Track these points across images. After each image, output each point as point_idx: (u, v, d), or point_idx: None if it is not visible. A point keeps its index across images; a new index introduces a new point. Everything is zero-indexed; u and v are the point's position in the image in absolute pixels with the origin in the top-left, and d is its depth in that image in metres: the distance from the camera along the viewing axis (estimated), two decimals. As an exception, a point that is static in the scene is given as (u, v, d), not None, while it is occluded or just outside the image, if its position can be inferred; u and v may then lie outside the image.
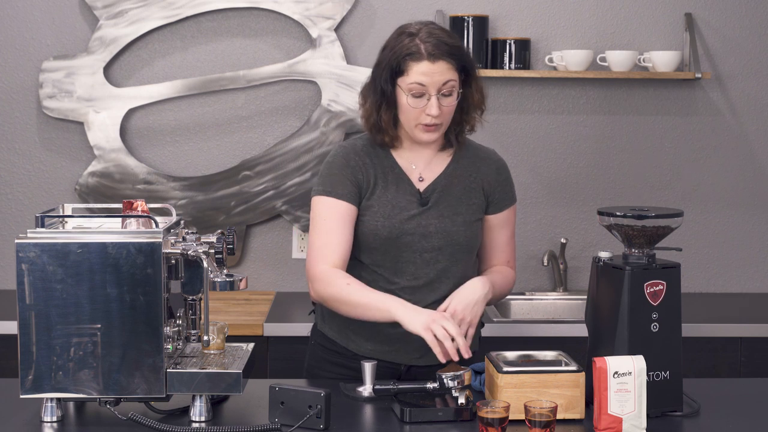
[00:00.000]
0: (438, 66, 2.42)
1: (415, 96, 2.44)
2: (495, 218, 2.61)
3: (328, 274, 2.46)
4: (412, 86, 2.43)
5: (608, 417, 2.15)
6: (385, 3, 3.84)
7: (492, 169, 2.61)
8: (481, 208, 2.58)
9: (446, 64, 2.43)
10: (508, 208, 2.63)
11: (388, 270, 2.52)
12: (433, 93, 2.43)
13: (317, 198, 2.54)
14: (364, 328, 2.54)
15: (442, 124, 2.48)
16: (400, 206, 2.51)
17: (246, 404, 2.32)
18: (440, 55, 2.42)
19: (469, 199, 2.56)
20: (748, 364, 3.39)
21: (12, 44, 3.82)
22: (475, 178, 2.58)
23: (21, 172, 3.86)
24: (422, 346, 2.51)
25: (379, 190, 2.52)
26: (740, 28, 3.90)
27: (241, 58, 3.85)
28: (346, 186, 2.51)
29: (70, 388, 2.17)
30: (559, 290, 3.86)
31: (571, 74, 3.76)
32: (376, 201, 2.51)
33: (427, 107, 2.44)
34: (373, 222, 2.50)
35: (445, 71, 2.43)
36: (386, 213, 2.51)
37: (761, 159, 3.94)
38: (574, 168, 3.93)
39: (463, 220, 2.54)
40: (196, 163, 3.88)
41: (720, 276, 3.98)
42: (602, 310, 2.32)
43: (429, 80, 2.42)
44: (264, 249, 3.92)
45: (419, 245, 2.51)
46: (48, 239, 2.16)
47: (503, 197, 2.62)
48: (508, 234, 2.64)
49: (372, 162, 2.54)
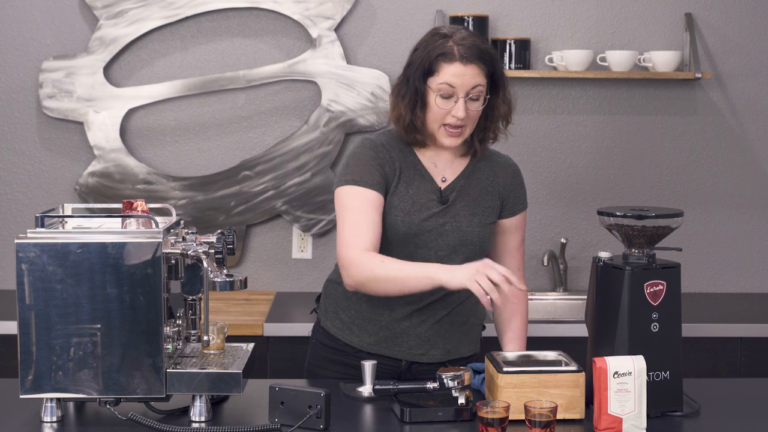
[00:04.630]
0: (469, 69, 2.44)
1: (444, 97, 2.45)
2: (508, 222, 2.63)
3: (361, 256, 2.43)
4: (441, 86, 2.44)
5: (608, 417, 2.15)
6: (385, 3, 3.84)
7: (509, 174, 2.63)
8: (495, 212, 2.60)
9: (477, 68, 2.45)
10: (520, 213, 2.65)
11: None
12: (462, 95, 2.44)
13: (344, 188, 2.51)
14: (368, 322, 2.55)
15: (466, 128, 2.49)
16: (421, 203, 2.52)
17: (246, 404, 2.32)
18: (472, 58, 2.44)
19: (485, 201, 2.58)
20: (748, 364, 3.39)
21: (12, 44, 3.82)
22: (492, 182, 2.60)
23: (21, 172, 3.86)
24: (425, 342, 2.52)
25: (402, 186, 2.53)
26: (740, 28, 3.90)
27: (241, 58, 3.85)
28: (374, 176, 2.50)
29: (70, 388, 2.17)
30: (559, 290, 3.86)
31: (571, 74, 3.76)
32: (398, 197, 2.52)
33: (454, 109, 2.45)
34: (392, 217, 2.51)
35: (475, 75, 2.45)
36: (407, 209, 2.51)
37: (761, 159, 3.94)
38: (574, 168, 3.93)
39: (478, 221, 2.55)
40: (196, 163, 3.89)
41: (720, 276, 3.98)
42: (602, 310, 2.32)
43: (459, 82, 2.43)
44: (264, 249, 3.92)
45: (435, 243, 2.53)
46: (48, 239, 2.16)
47: (517, 202, 2.64)
48: (519, 239, 2.66)
49: (397, 157, 2.54)
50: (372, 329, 2.56)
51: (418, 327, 2.54)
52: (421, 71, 2.47)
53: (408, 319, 2.54)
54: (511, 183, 2.63)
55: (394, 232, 2.51)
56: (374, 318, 2.54)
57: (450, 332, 2.57)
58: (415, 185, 2.53)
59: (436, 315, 2.55)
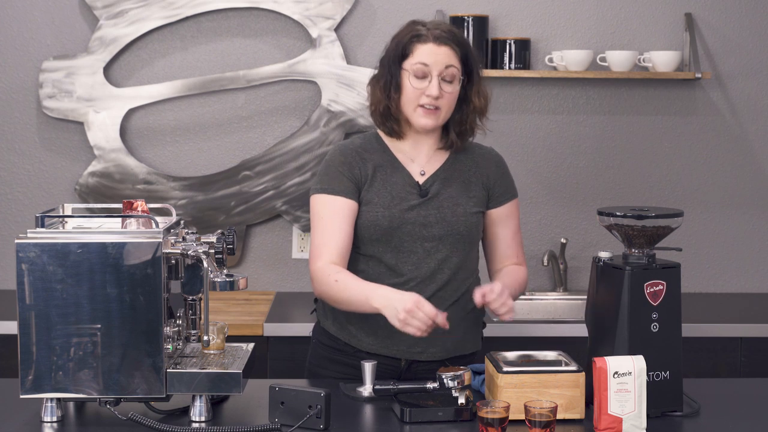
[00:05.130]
0: (442, 49, 2.51)
1: (418, 77, 2.50)
2: (497, 212, 2.64)
3: (322, 270, 2.50)
4: (415, 66, 2.50)
5: (608, 417, 2.15)
6: (385, 3, 3.84)
7: (492, 164, 2.65)
8: (481, 202, 2.61)
9: (451, 50, 2.51)
10: (509, 202, 2.65)
11: (390, 261, 2.54)
12: (435, 74, 2.50)
13: (315, 197, 2.58)
14: (365, 322, 2.56)
15: (442, 110, 2.52)
16: (400, 197, 2.54)
17: (246, 404, 2.32)
18: (446, 40, 2.51)
19: (468, 192, 2.59)
20: (748, 364, 3.39)
21: (12, 44, 3.82)
22: (475, 172, 2.62)
23: (21, 172, 3.86)
24: (423, 340, 2.52)
25: (378, 182, 2.56)
26: (740, 28, 3.90)
27: (241, 58, 3.85)
28: (342, 182, 2.54)
29: (70, 388, 2.17)
30: (559, 290, 3.86)
31: (571, 74, 3.76)
32: (376, 193, 2.55)
33: (428, 88, 2.50)
34: (373, 213, 2.53)
35: (449, 56, 2.51)
36: (386, 203, 2.54)
37: (761, 159, 3.94)
38: (574, 168, 3.93)
39: (463, 211, 2.57)
40: (196, 163, 3.88)
41: (720, 276, 3.98)
42: (602, 310, 2.32)
43: (433, 60, 2.49)
44: (264, 249, 3.92)
45: (420, 234, 2.54)
46: (48, 239, 2.16)
47: (503, 191, 2.65)
48: (513, 229, 2.66)
49: (370, 157, 2.58)
50: (369, 329, 2.56)
51: None
52: (395, 55, 2.54)
53: None
54: (495, 172, 2.64)
55: (378, 227, 2.53)
56: (371, 317, 2.54)
57: (448, 330, 2.56)
58: (392, 180, 2.56)
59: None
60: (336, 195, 2.54)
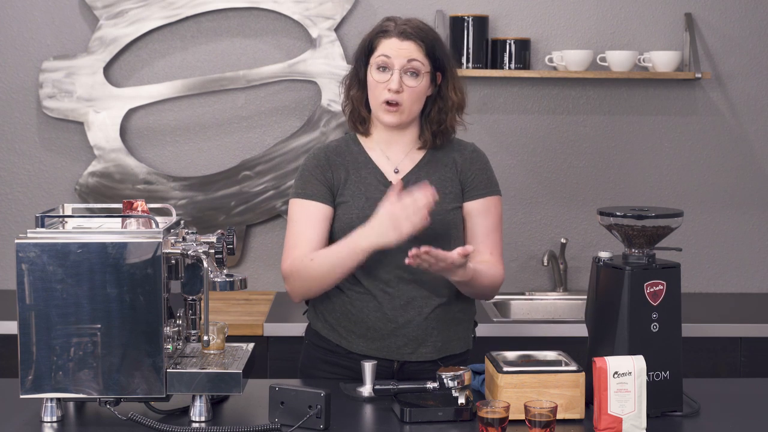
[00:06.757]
0: (406, 44, 2.51)
1: (380, 70, 2.51)
2: (471, 205, 2.60)
3: (294, 264, 2.50)
4: (378, 59, 2.51)
5: (608, 417, 2.15)
6: (385, 3, 3.84)
7: (466, 157, 2.62)
8: (458, 197, 2.59)
9: (415, 45, 2.51)
10: (485, 197, 2.60)
11: (371, 263, 2.50)
12: (397, 68, 2.50)
13: (291, 201, 2.60)
14: (354, 324, 2.55)
15: (403, 105, 2.51)
16: (374, 197, 2.52)
17: (246, 404, 2.32)
18: (410, 35, 2.51)
19: (444, 188, 2.57)
20: (748, 364, 3.39)
21: (12, 44, 3.82)
22: (451, 168, 2.60)
23: (21, 172, 3.86)
24: (412, 341, 2.51)
25: (352, 184, 2.55)
26: (740, 28, 3.90)
27: (241, 58, 3.85)
28: (315, 186, 2.55)
29: (70, 388, 2.17)
30: (559, 290, 3.86)
31: (571, 74, 3.76)
32: (350, 195, 2.54)
33: (389, 82, 2.50)
34: (348, 215, 2.53)
35: (412, 50, 2.51)
36: (360, 205, 2.53)
37: (761, 159, 3.94)
38: (574, 168, 3.93)
39: (440, 209, 2.52)
40: (196, 163, 3.89)
41: (720, 276, 3.98)
42: (602, 310, 2.32)
43: (395, 53, 2.50)
44: (264, 249, 3.92)
45: None
46: (48, 239, 2.16)
47: (479, 184, 2.60)
48: (488, 226, 2.61)
49: (343, 159, 2.58)
50: (359, 330, 2.55)
51: (405, 327, 2.53)
52: (362, 50, 2.56)
53: (394, 320, 2.52)
54: (469, 166, 2.61)
55: (353, 229, 2.49)
56: (360, 320, 2.53)
57: (438, 330, 2.55)
58: (366, 182, 2.56)
59: (422, 313, 2.53)
60: (307, 199, 2.54)
